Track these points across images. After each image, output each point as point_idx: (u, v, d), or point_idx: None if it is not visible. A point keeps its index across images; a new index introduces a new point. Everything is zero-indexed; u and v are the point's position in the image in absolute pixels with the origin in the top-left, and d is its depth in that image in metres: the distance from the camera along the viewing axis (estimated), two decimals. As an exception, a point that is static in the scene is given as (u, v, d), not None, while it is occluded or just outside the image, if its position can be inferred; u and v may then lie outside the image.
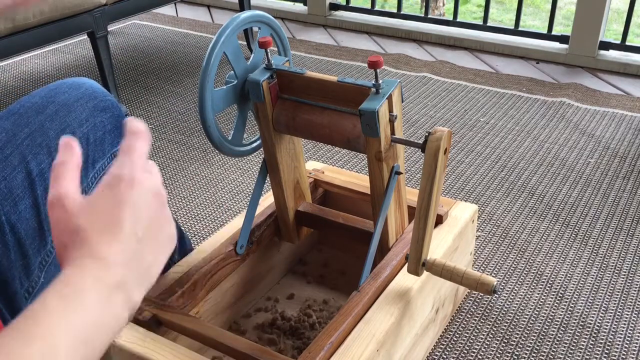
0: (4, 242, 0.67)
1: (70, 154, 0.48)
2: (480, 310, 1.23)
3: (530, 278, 1.31)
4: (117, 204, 0.45)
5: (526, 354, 1.13)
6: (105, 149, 0.82)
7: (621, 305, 1.24)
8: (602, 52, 2.38)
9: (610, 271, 1.33)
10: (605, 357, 1.12)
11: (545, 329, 1.19)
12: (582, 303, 1.25)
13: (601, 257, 1.38)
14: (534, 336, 1.17)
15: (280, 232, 1.18)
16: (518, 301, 1.25)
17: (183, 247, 1.09)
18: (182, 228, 1.48)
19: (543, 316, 1.21)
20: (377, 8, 2.86)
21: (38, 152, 0.72)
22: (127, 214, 0.44)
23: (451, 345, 1.15)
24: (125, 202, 0.45)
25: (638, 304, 1.24)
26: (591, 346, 1.15)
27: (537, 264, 1.35)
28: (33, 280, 0.71)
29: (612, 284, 1.30)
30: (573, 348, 1.14)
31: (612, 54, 2.37)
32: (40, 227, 0.72)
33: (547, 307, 1.24)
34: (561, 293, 1.27)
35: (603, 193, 1.60)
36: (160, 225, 0.48)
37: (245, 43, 2.51)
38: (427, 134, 0.88)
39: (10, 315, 0.67)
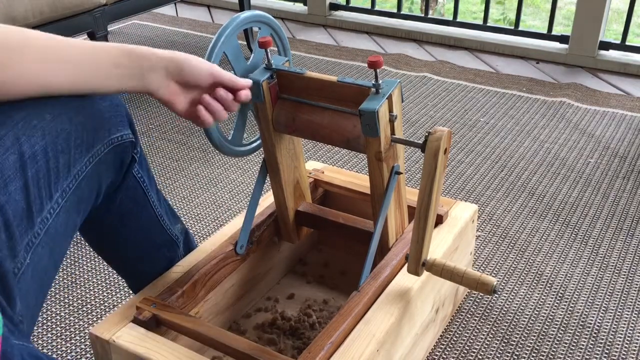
0: None
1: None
2: (480, 310, 1.23)
3: (530, 278, 1.31)
4: None
5: (526, 354, 1.13)
6: (104, 135, 0.82)
7: (621, 305, 1.24)
8: (602, 52, 2.38)
9: (610, 271, 1.33)
10: (605, 357, 1.12)
11: (545, 329, 1.19)
12: (582, 303, 1.25)
13: (601, 257, 1.38)
14: (534, 336, 1.17)
15: (280, 232, 1.18)
16: (518, 301, 1.25)
17: (189, 246, 1.09)
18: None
19: (543, 316, 1.21)
20: (377, 8, 2.87)
21: (32, 134, 0.72)
22: None
23: (451, 345, 1.15)
24: None
25: (638, 304, 1.24)
26: (591, 346, 1.15)
27: (537, 264, 1.35)
28: (19, 261, 0.71)
29: (612, 284, 1.30)
30: (573, 348, 1.14)
31: (612, 54, 2.37)
32: (28, 209, 0.72)
33: (547, 307, 1.24)
34: (561, 293, 1.27)
35: (603, 193, 1.60)
36: None
37: (245, 43, 2.51)
38: (427, 134, 0.88)
39: (2, 295, 0.67)
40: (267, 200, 1.20)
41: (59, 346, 1.17)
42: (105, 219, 0.91)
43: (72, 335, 1.19)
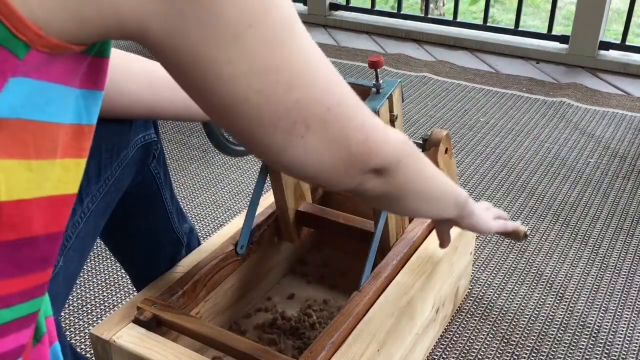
0: None
1: None
2: (480, 310, 1.23)
3: (530, 278, 1.31)
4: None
5: (526, 354, 1.13)
6: (131, 137, 0.82)
7: (621, 305, 1.24)
8: (602, 52, 2.38)
9: (610, 271, 1.33)
10: (605, 357, 1.12)
11: (545, 329, 1.19)
12: (582, 303, 1.25)
13: (601, 257, 1.38)
14: (534, 336, 1.17)
15: (280, 232, 1.18)
16: (518, 301, 1.25)
17: (192, 245, 1.09)
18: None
19: (543, 316, 1.22)
20: (377, 8, 2.87)
21: None
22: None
23: (451, 345, 1.15)
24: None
25: (638, 304, 1.24)
26: (591, 346, 1.15)
27: (537, 264, 1.35)
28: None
29: (612, 284, 1.30)
30: (573, 348, 1.14)
31: (612, 54, 2.37)
32: None
33: (547, 307, 1.24)
34: (561, 293, 1.27)
35: (603, 193, 1.60)
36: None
37: (245, 43, 2.51)
38: (423, 139, 0.88)
39: None
40: (267, 200, 1.20)
41: (59, 346, 1.17)
42: (115, 211, 0.91)
43: (72, 335, 1.19)
